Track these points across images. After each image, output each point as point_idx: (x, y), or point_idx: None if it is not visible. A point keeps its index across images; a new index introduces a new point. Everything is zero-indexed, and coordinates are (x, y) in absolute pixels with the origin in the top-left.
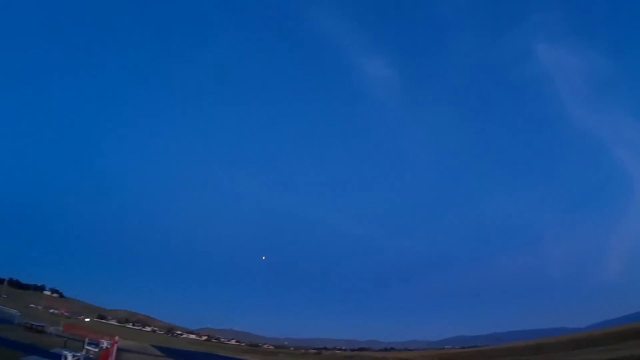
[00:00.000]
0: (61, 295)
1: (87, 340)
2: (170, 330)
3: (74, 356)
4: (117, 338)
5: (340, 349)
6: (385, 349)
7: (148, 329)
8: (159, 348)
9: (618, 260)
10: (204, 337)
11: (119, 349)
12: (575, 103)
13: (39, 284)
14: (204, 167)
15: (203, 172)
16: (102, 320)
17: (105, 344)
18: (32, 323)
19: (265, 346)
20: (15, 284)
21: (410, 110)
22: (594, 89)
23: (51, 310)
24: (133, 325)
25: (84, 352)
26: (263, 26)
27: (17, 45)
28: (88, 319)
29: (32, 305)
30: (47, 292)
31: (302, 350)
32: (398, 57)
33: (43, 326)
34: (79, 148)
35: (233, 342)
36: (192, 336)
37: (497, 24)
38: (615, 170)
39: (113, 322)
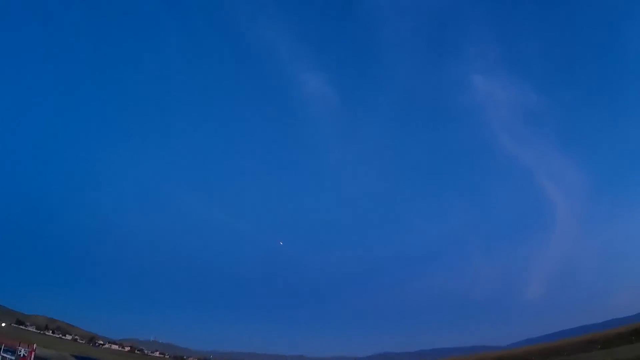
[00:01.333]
0: None
1: (3, 347)
2: (91, 339)
3: None
4: (35, 346)
5: None
6: None
7: (68, 337)
8: (79, 358)
9: (539, 282)
10: (127, 348)
11: (36, 358)
12: (504, 133)
13: None
14: (128, 168)
15: (127, 175)
16: (20, 326)
17: (22, 351)
18: None
19: (190, 359)
20: None
21: (346, 126)
22: (521, 120)
23: None
24: (53, 332)
25: None
26: (207, 33)
27: None
28: (4, 324)
29: None
30: None
31: None
32: (338, 75)
33: None
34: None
35: (157, 354)
36: (115, 346)
37: (437, 51)
38: (538, 197)
39: (31, 328)
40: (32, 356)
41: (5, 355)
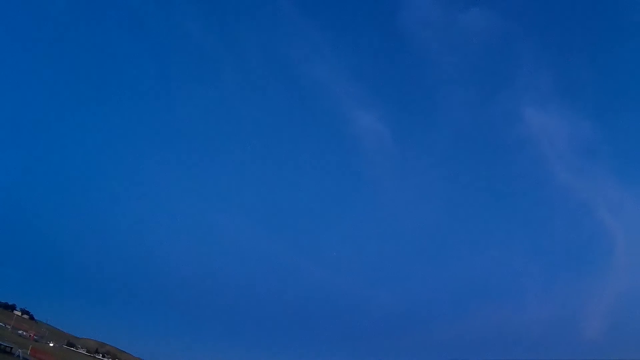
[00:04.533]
0: (31, 317)
1: None
2: None
3: None
4: None
5: None
6: None
7: None
8: None
9: (599, 318)
10: None
11: None
12: (559, 164)
13: (9, 303)
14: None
15: (183, 209)
16: (71, 348)
17: None
18: (0, 343)
19: None
20: None
21: (399, 163)
22: (576, 151)
23: (19, 332)
24: (103, 356)
25: None
26: (260, 70)
27: None
28: (57, 345)
29: (0, 324)
30: (17, 312)
31: None
32: (389, 111)
33: (11, 347)
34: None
35: None
36: None
37: (488, 84)
38: (596, 230)
39: (82, 350)
40: None
41: None
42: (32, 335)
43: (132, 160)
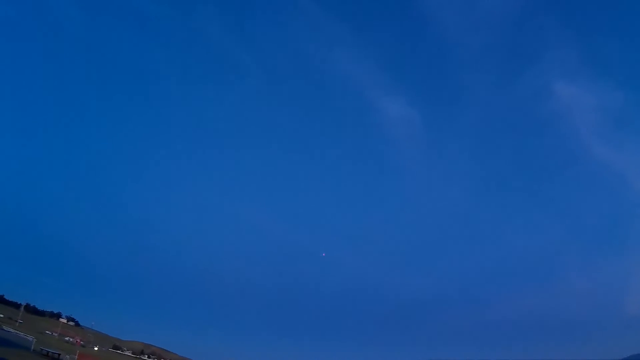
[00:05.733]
0: (77, 324)
1: None
2: None
3: None
4: None
5: None
6: None
7: None
8: None
9: None
10: None
11: None
12: (592, 137)
13: (55, 311)
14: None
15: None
16: (117, 351)
17: None
18: (48, 350)
19: None
20: (31, 310)
21: (429, 148)
22: (609, 122)
23: (66, 338)
24: (148, 357)
25: None
26: (285, 63)
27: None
28: (103, 349)
29: (47, 332)
30: (63, 320)
31: None
32: (417, 97)
33: (59, 354)
34: (95, 178)
35: None
36: None
37: (514, 62)
38: (635, 204)
39: (128, 353)
40: None
41: None
42: (78, 341)
43: (166, 164)
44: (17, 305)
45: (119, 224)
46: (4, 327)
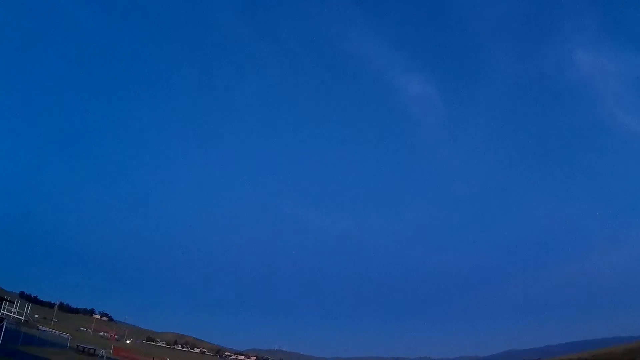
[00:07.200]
0: (110, 319)
1: None
2: (218, 351)
3: None
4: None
5: None
6: None
7: (197, 350)
8: None
9: None
10: (253, 358)
11: None
12: (618, 105)
13: (88, 308)
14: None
15: (249, 198)
16: (151, 343)
17: None
18: (83, 346)
19: None
20: (65, 308)
21: (451, 123)
22: (635, 89)
23: (101, 334)
24: (182, 347)
25: None
26: (302, 49)
27: None
28: (137, 342)
29: (82, 328)
30: (97, 316)
31: None
32: (436, 74)
33: (94, 349)
34: (117, 176)
35: None
36: (241, 357)
37: (533, 33)
38: None
39: (162, 344)
40: None
41: None
42: (113, 335)
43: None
44: (51, 305)
45: (147, 219)
46: (40, 327)
